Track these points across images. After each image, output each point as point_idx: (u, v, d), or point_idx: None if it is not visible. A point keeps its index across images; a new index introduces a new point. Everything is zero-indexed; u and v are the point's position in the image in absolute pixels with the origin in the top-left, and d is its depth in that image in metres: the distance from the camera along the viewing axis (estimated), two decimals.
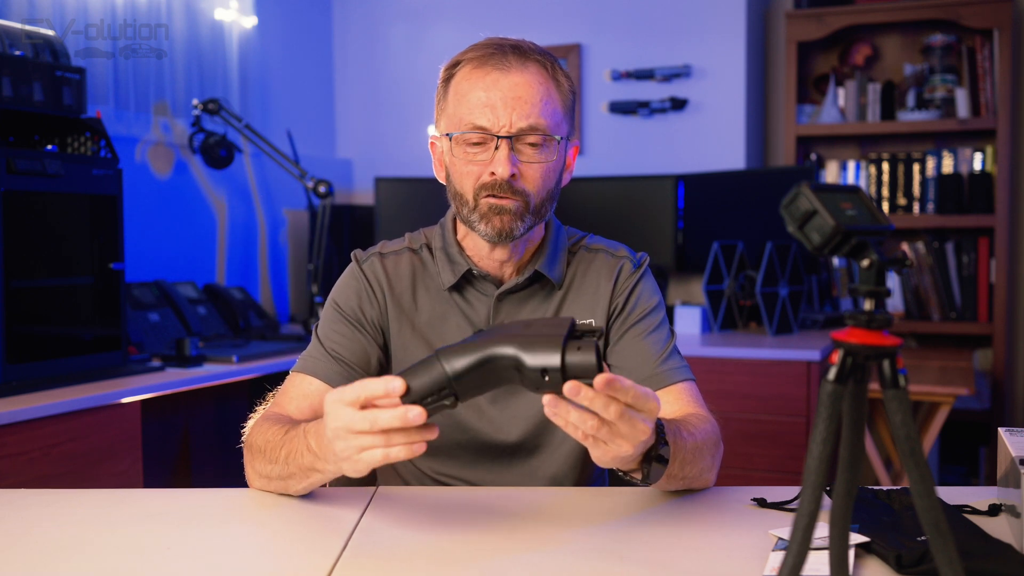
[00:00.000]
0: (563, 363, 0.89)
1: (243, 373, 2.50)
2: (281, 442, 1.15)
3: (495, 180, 1.25)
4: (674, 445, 1.09)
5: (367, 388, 0.94)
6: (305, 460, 1.10)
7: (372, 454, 0.96)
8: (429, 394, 0.93)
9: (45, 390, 2.06)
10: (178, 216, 3.12)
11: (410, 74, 3.91)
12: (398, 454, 0.95)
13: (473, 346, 0.93)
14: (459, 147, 1.28)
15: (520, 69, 1.26)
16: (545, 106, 1.26)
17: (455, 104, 1.29)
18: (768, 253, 2.97)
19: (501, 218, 1.26)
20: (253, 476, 1.23)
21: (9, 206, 2.02)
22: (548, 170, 1.28)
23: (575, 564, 0.98)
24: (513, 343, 0.91)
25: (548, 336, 0.91)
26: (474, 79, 1.27)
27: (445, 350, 0.93)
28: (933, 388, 2.76)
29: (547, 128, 1.26)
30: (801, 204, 0.70)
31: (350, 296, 1.35)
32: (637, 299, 1.36)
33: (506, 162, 1.24)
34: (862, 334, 0.68)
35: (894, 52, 3.63)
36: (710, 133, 3.51)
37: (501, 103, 1.25)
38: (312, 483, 1.15)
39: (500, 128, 1.25)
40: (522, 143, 1.26)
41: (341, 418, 0.96)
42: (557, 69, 1.30)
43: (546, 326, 0.93)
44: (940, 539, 0.66)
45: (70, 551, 1.03)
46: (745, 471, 2.78)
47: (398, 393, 0.92)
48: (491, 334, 0.94)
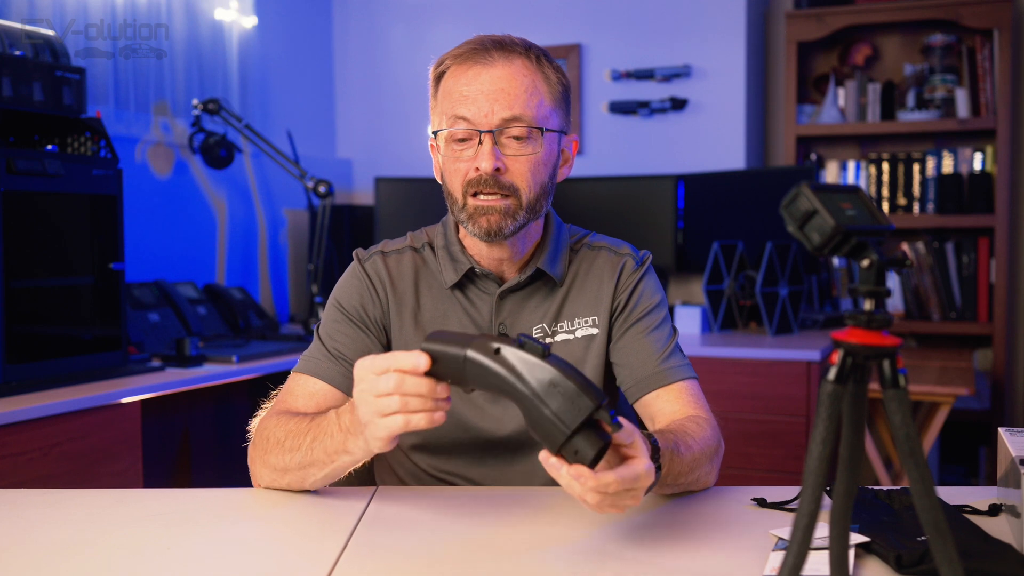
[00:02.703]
0: (559, 451, 0.94)
1: (243, 373, 2.50)
2: (307, 428, 1.15)
3: (480, 175, 1.24)
4: (669, 463, 1.10)
5: (397, 361, 0.98)
6: (335, 441, 1.10)
7: (395, 420, 0.99)
8: (450, 380, 0.99)
9: (45, 390, 2.06)
10: (178, 216, 3.12)
11: (410, 74, 3.91)
12: (419, 422, 0.99)
13: (501, 364, 0.95)
14: (447, 145, 1.28)
15: (504, 63, 1.25)
16: (530, 98, 1.25)
17: (441, 101, 1.29)
18: (768, 253, 2.97)
19: (488, 218, 1.26)
20: (263, 471, 1.22)
21: (9, 206, 2.02)
22: (536, 163, 1.27)
23: (575, 564, 0.98)
24: (534, 399, 0.93)
25: (561, 419, 0.93)
26: (458, 75, 1.27)
27: (478, 345, 0.96)
28: (933, 388, 2.76)
29: (532, 119, 1.25)
30: (801, 204, 0.70)
31: (352, 295, 1.35)
32: (639, 297, 1.36)
33: (489, 156, 1.24)
34: (862, 334, 0.68)
35: (894, 52, 3.63)
36: (710, 133, 3.51)
37: (483, 96, 1.24)
38: (335, 469, 1.14)
39: (482, 122, 1.24)
40: (506, 136, 1.25)
41: (367, 380, 1.00)
42: (544, 62, 1.29)
43: (567, 401, 0.93)
44: (940, 539, 0.66)
45: (70, 551, 1.03)
46: (745, 471, 2.78)
47: (423, 369, 0.97)
48: (521, 363, 0.94)
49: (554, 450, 0.94)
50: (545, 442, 0.95)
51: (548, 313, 1.35)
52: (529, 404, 0.94)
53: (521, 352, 0.94)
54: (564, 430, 0.93)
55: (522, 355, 0.94)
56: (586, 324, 1.35)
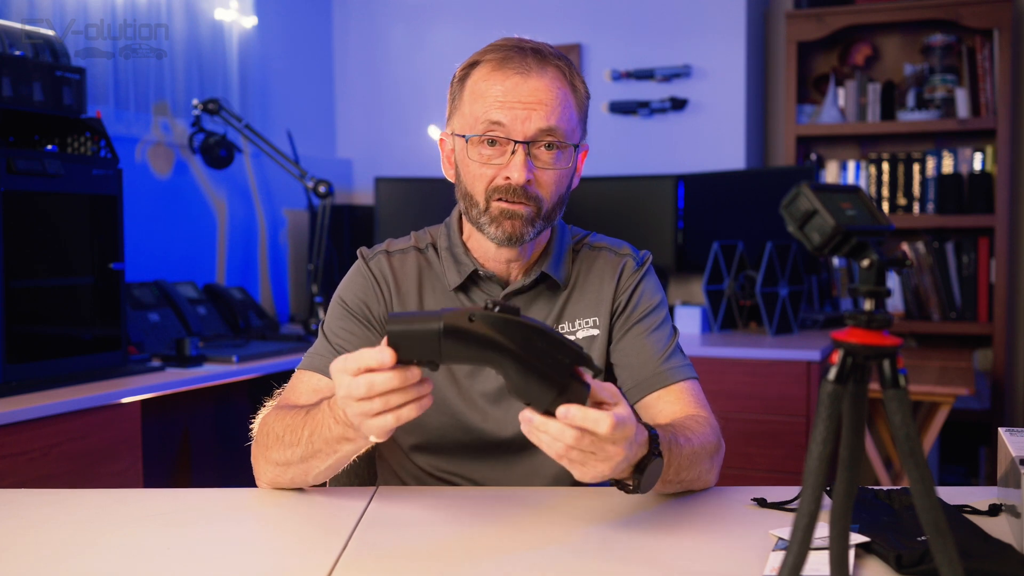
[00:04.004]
0: (550, 406, 0.95)
1: (243, 373, 2.50)
2: (303, 422, 1.15)
3: (509, 185, 1.24)
4: (668, 453, 1.10)
5: (362, 359, 0.97)
6: (335, 431, 1.09)
7: (384, 419, 0.99)
8: (418, 360, 0.97)
9: (45, 390, 2.06)
10: (178, 216, 3.12)
11: (410, 74, 3.91)
12: (408, 413, 0.99)
13: (480, 328, 0.93)
14: (474, 148, 1.27)
15: (540, 73, 1.25)
16: (563, 111, 1.25)
17: (471, 103, 1.27)
18: (768, 253, 2.97)
19: (512, 223, 1.26)
20: (266, 468, 1.22)
21: (9, 206, 2.02)
22: (561, 176, 1.28)
23: (575, 564, 0.98)
24: (519, 357, 0.93)
25: (551, 370, 0.94)
26: (493, 80, 1.25)
27: (450, 316, 0.94)
28: (933, 388, 2.76)
29: (564, 134, 1.26)
30: (801, 204, 0.70)
31: (356, 292, 1.35)
32: (640, 297, 1.36)
33: (522, 167, 1.23)
34: (862, 334, 0.68)
35: (894, 52, 3.63)
36: (710, 133, 3.51)
37: (520, 106, 1.23)
38: (340, 457, 1.13)
39: (517, 132, 1.24)
40: (538, 148, 1.25)
41: (343, 386, 0.99)
42: (575, 74, 1.30)
43: (549, 357, 0.94)
44: (940, 539, 0.66)
45: (70, 551, 1.03)
46: (745, 471, 2.78)
47: (387, 365, 0.95)
48: (498, 325, 0.93)
49: (545, 405, 0.94)
50: (536, 400, 0.95)
51: (550, 315, 1.36)
52: (516, 363, 0.93)
53: (494, 314, 0.94)
54: (558, 380, 0.93)
55: (496, 317, 0.93)
56: (587, 325, 1.35)
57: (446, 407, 1.33)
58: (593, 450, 0.97)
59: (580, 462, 0.98)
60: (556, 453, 0.98)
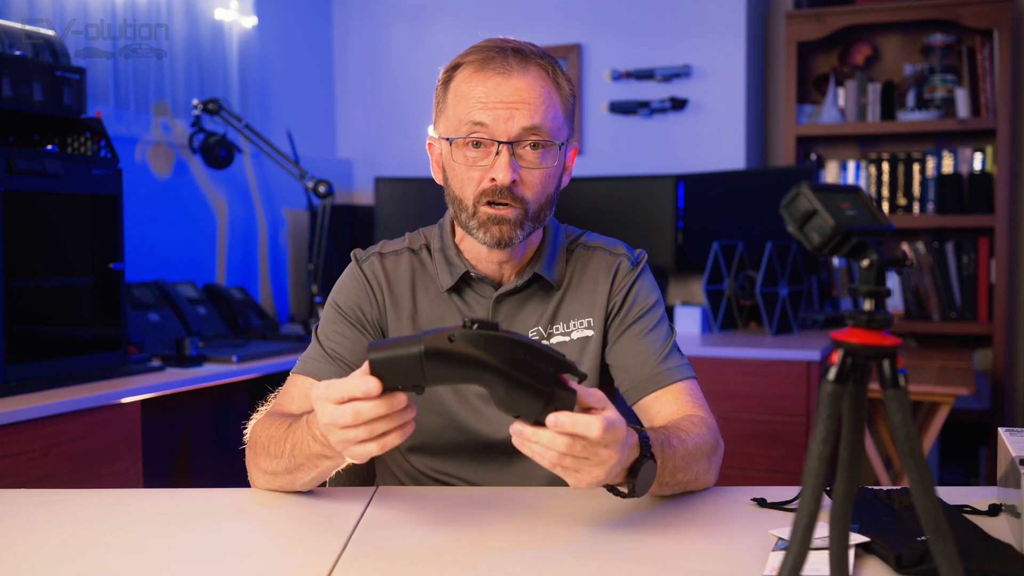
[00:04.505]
0: (540, 416, 0.95)
1: (243, 373, 2.50)
2: (285, 435, 1.15)
3: (495, 186, 1.24)
4: (662, 455, 1.09)
5: (346, 388, 0.96)
6: (313, 448, 1.10)
7: (367, 447, 0.99)
8: (403, 386, 0.97)
9: (45, 390, 2.06)
10: (178, 216, 3.12)
11: (410, 74, 3.91)
12: (392, 441, 0.99)
13: (461, 348, 0.93)
14: (459, 151, 1.27)
15: (521, 72, 1.24)
16: (547, 110, 1.25)
17: (454, 105, 1.27)
18: (768, 253, 2.97)
19: (500, 227, 1.25)
20: (257, 474, 1.22)
21: (9, 206, 2.02)
22: (548, 176, 1.27)
23: (574, 564, 0.98)
24: (504, 371, 0.93)
25: (537, 381, 0.94)
26: (475, 82, 1.25)
27: (430, 339, 0.93)
28: (933, 388, 2.76)
29: (548, 132, 1.25)
30: (801, 204, 0.70)
31: (349, 296, 1.35)
32: (635, 297, 1.36)
33: (507, 168, 1.23)
34: (862, 334, 0.68)
35: (894, 52, 3.63)
36: (710, 133, 3.51)
37: (503, 106, 1.23)
38: (322, 472, 1.14)
39: (500, 132, 1.23)
40: (522, 148, 1.25)
41: (327, 414, 0.98)
42: (558, 72, 1.29)
43: (533, 368, 0.94)
44: (940, 539, 0.66)
45: (70, 551, 1.03)
46: (745, 471, 2.78)
47: (373, 394, 0.95)
48: (479, 342, 0.93)
49: (534, 416, 0.95)
50: (524, 412, 0.95)
51: (544, 316, 1.35)
52: (501, 378, 0.93)
53: (474, 332, 0.94)
54: (544, 390, 0.94)
55: (476, 334, 0.93)
56: (581, 326, 1.35)
57: (441, 408, 1.33)
58: (586, 455, 0.97)
59: (574, 469, 0.98)
60: (550, 462, 0.97)
